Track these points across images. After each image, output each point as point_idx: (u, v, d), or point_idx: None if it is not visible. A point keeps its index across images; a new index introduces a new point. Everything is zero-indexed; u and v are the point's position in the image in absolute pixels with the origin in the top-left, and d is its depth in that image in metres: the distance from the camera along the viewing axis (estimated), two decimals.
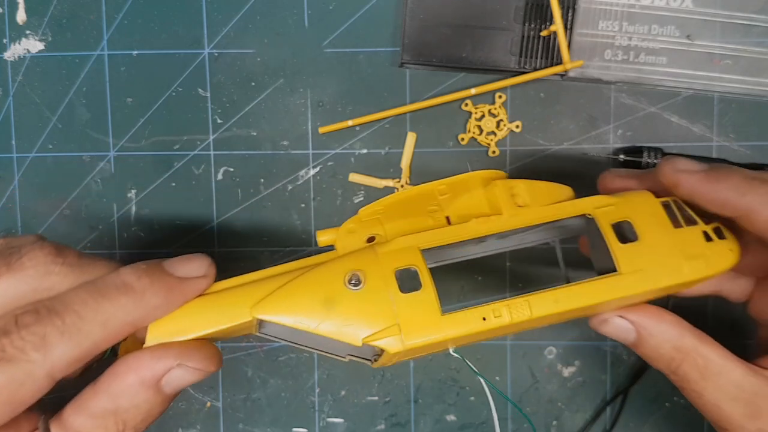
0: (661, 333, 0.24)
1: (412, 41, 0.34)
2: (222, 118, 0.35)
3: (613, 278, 0.23)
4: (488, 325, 0.23)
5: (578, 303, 0.23)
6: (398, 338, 0.22)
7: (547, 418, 0.36)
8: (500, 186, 0.26)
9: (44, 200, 0.36)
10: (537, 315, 0.23)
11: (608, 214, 0.25)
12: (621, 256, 0.24)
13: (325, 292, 0.23)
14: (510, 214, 0.26)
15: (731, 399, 0.23)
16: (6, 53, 0.36)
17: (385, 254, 0.24)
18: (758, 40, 0.33)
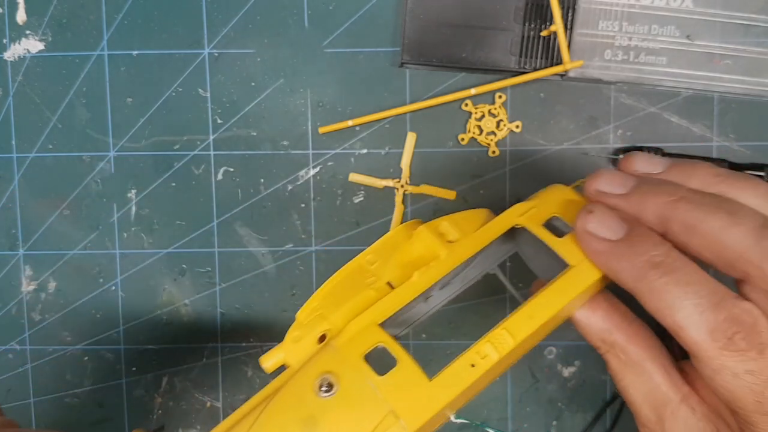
0: (589, 325, 0.24)
1: (412, 41, 0.34)
2: (222, 118, 0.35)
3: (570, 272, 0.23)
4: (480, 370, 0.21)
5: (551, 310, 0.22)
6: (399, 425, 0.20)
7: (547, 419, 0.36)
8: (425, 231, 0.25)
9: (44, 200, 0.36)
10: (520, 338, 0.22)
11: (534, 217, 0.25)
12: (565, 250, 0.23)
13: (299, 413, 0.21)
14: (447, 253, 0.24)
15: (643, 400, 0.24)
16: (6, 53, 0.36)
17: (344, 345, 0.22)
18: (758, 40, 0.33)
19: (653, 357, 0.24)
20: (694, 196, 0.22)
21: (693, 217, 0.22)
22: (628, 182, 0.24)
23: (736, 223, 0.21)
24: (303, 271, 0.36)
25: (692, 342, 0.20)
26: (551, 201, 0.26)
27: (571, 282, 0.23)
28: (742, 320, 0.20)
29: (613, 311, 0.24)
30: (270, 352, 0.23)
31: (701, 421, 0.23)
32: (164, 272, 0.36)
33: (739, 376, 0.20)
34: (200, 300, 0.36)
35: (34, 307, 0.37)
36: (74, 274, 0.37)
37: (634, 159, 0.25)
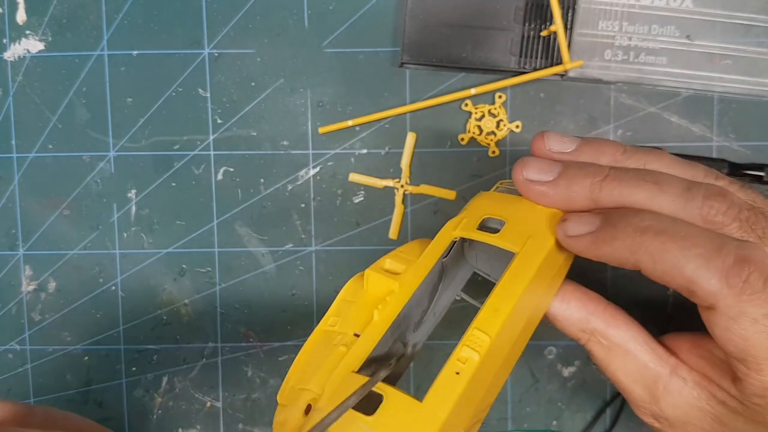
0: (566, 318, 0.24)
1: (412, 41, 0.34)
2: (222, 118, 0.35)
3: (517, 259, 0.23)
4: (465, 375, 0.21)
5: (513, 297, 0.22)
6: None
7: (547, 419, 0.36)
8: (372, 273, 0.25)
9: (44, 200, 0.36)
10: (494, 333, 0.21)
11: (468, 226, 0.25)
12: (504, 242, 0.24)
13: None
14: (398, 284, 0.24)
15: (633, 381, 0.24)
16: (6, 53, 0.36)
17: (327, 404, 0.21)
18: (758, 40, 0.33)
19: (635, 336, 0.24)
20: (618, 173, 0.23)
21: (620, 193, 0.22)
22: (554, 168, 0.24)
23: (662, 191, 0.22)
24: (303, 271, 0.36)
25: (709, 293, 0.20)
26: (479, 207, 0.26)
27: (521, 266, 0.23)
28: (751, 259, 0.20)
29: (587, 299, 0.25)
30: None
31: (695, 389, 0.23)
32: (164, 272, 0.36)
33: (758, 321, 0.20)
34: (200, 300, 0.36)
35: (34, 307, 0.37)
36: (74, 274, 0.37)
37: (545, 139, 0.25)
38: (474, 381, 0.21)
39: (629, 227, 0.21)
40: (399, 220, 0.35)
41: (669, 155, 0.24)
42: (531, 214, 0.24)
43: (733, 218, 0.21)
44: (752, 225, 0.21)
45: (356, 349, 0.23)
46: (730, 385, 0.22)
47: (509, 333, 0.23)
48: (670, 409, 0.23)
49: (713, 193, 0.22)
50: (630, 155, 0.24)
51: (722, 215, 0.21)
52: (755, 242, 0.21)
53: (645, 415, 0.24)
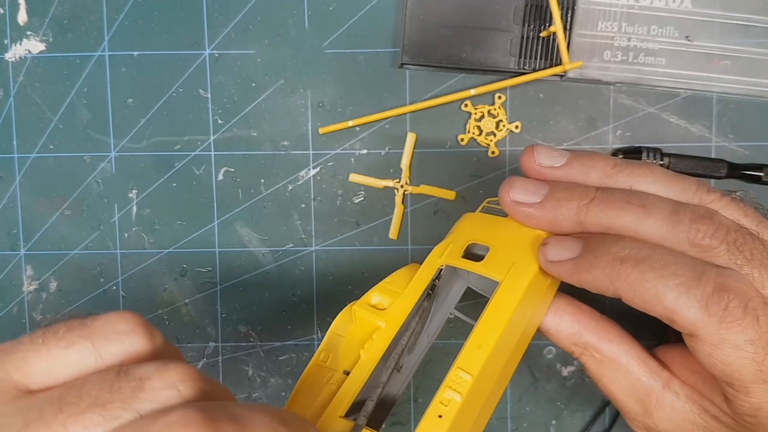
0: (559, 332, 0.25)
1: (411, 42, 0.34)
2: (222, 118, 0.35)
3: (501, 289, 0.23)
4: (448, 418, 0.21)
5: (496, 332, 0.22)
6: None
7: (547, 418, 0.36)
8: (357, 308, 0.25)
9: (45, 200, 0.36)
10: (476, 371, 0.21)
11: (453, 252, 0.25)
12: (488, 270, 0.24)
13: None
14: (386, 320, 0.25)
15: (626, 394, 0.24)
16: (7, 54, 0.36)
17: None
18: (757, 40, 0.33)
19: (628, 350, 0.24)
20: (605, 196, 0.22)
21: (606, 217, 0.22)
22: (541, 190, 0.24)
23: (648, 214, 0.22)
24: (303, 271, 0.36)
25: (689, 323, 0.20)
26: (464, 231, 0.26)
27: (505, 296, 0.23)
28: (730, 287, 0.20)
29: (580, 314, 0.25)
30: None
31: (687, 403, 0.23)
32: (165, 272, 0.36)
33: (740, 347, 0.20)
34: (201, 300, 0.36)
35: (36, 306, 0.37)
36: (75, 274, 0.37)
37: (535, 153, 0.25)
38: (458, 419, 0.21)
39: (608, 255, 0.21)
40: (399, 220, 0.35)
41: (659, 169, 0.24)
42: (515, 238, 0.24)
43: (721, 240, 0.21)
44: (739, 246, 0.21)
45: (344, 391, 0.23)
46: (721, 402, 0.22)
47: (495, 364, 0.22)
48: (663, 422, 0.23)
49: (700, 215, 0.21)
50: (620, 170, 0.24)
51: (709, 238, 0.21)
52: (734, 270, 0.21)
53: (638, 427, 0.24)
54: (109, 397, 0.16)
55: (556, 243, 0.23)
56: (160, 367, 0.17)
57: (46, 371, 0.17)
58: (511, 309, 0.22)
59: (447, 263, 0.25)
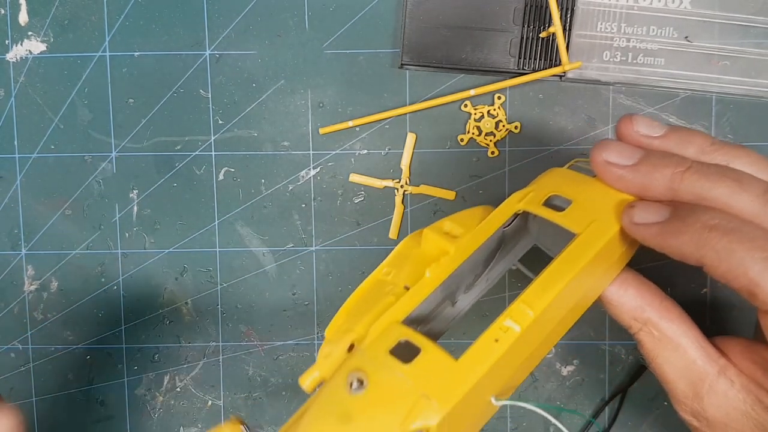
0: (621, 304, 0.24)
1: (411, 43, 0.34)
2: (223, 118, 0.36)
3: (576, 241, 0.23)
4: (504, 344, 0.21)
5: (564, 278, 0.22)
6: (432, 406, 0.20)
7: (546, 417, 0.36)
8: (430, 233, 0.26)
9: (46, 200, 0.37)
10: (539, 309, 0.22)
11: (533, 200, 0.25)
12: (568, 222, 0.24)
13: (334, 412, 0.21)
14: (455, 247, 0.25)
15: (679, 376, 0.24)
16: (8, 54, 0.36)
17: (369, 345, 0.22)
18: (756, 41, 0.33)
19: (687, 332, 0.24)
20: (701, 167, 0.22)
21: (701, 187, 0.22)
22: (636, 154, 0.24)
23: (742, 189, 0.22)
24: (303, 271, 0.36)
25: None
26: (548, 182, 0.26)
27: (579, 248, 0.23)
28: None
29: (645, 289, 0.24)
30: (306, 372, 0.23)
31: (741, 392, 0.23)
32: (165, 272, 0.36)
33: None
34: (201, 299, 0.36)
35: (36, 306, 0.37)
36: (76, 273, 0.37)
37: (634, 121, 0.25)
38: (511, 351, 0.21)
39: (698, 222, 0.21)
40: (399, 220, 0.35)
41: (756, 153, 0.24)
42: (600, 198, 0.24)
43: None
44: None
45: (404, 301, 0.23)
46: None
47: (555, 312, 0.23)
48: (713, 408, 0.23)
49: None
50: (718, 148, 0.24)
51: None
52: None
53: (685, 412, 0.24)
54: None
55: (643, 205, 0.23)
56: None
57: None
58: (583, 262, 0.22)
59: (525, 209, 0.25)
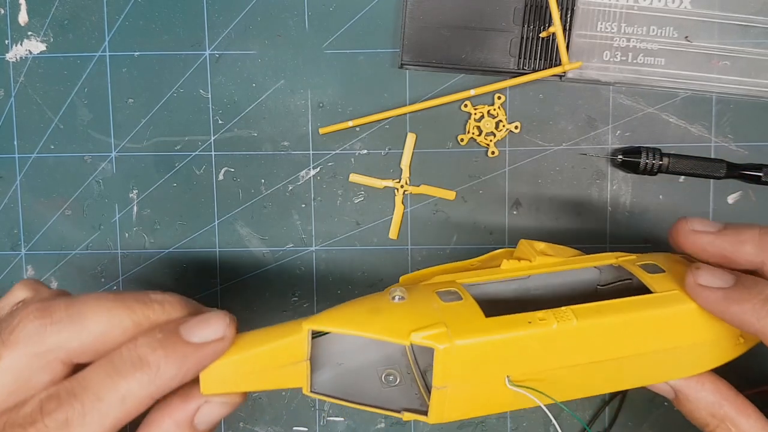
0: (698, 400, 0.25)
1: (411, 42, 0.34)
2: (223, 118, 0.36)
3: (650, 295, 0.24)
4: (533, 327, 0.22)
5: (621, 315, 0.23)
6: (446, 334, 0.22)
7: (546, 417, 0.36)
8: (524, 243, 0.28)
9: (46, 200, 0.37)
10: (583, 322, 0.23)
11: (633, 262, 0.27)
12: (652, 283, 0.25)
13: (369, 306, 0.24)
14: (538, 261, 0.27)
15: None
16: (8, 54, 0.36)
17: (425, 285, 0.25)
18: (756, 41, 0.33)
19: (764, 427, 0.24)
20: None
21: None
22: (730, 278, 0.24)
23: None
24: (303, 271, 0.36)
25: None
26: (652, 255, 0.28)
27: (648, 300, 0.24)
28: None
29: (721, 384, 0.25)
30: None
31: None
32: (165, 272, 0.36)
33: None
34: (201, 300, 0.36)
35: None
36: (76, 273, 0.37)
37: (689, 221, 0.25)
38: (540, 341, 0.23)
39: (762, 294, 0.22)
40: (399, 220, 0.35)
41: None
42: None
43: None
44: None
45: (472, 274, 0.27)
46: None
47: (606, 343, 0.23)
48: None
49: None
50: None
51: None
52: None
53: None
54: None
55: (709, 269, 0.24)
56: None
57: None
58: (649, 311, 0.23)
59: (621, 264, 0.27)
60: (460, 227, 0.35)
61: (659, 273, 0.26)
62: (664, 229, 0.35)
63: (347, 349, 0.27)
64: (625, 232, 0.35)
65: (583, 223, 0.35)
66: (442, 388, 0.23)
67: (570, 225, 0.35)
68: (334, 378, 0.26)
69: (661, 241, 0.35)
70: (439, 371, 0.22)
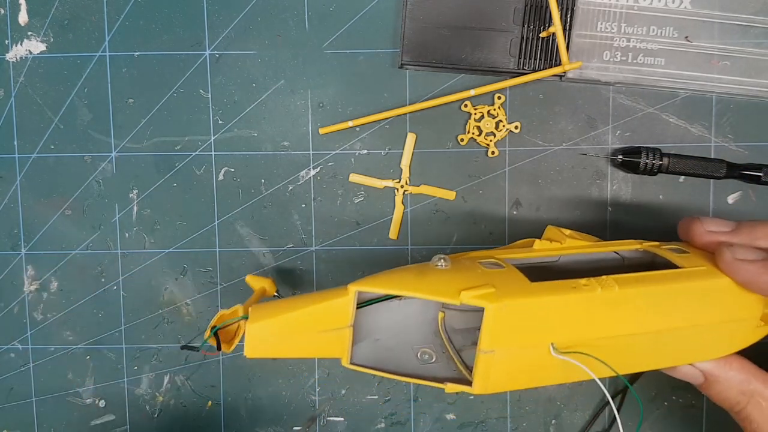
0: (728, 379, 0.26)
1: (411, 42, 0.34)
2: (223, 118, 0.36)
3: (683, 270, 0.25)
4: (577, 291, 0.23)
5: (659, 285, 0.24)
6: (495, 294, 0.22)
7: (546, 417, 0.36)
8: (552, 228, 0.29)
9: (46, 200, 0.37)
10: (625, 289, 0.23)
11: (657, 246, 0.28)
12: (681, 262, 0.26)
13: (416, 271, 0.24)
14: (568, 242, 0.28)
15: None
16: (8, 54, 0.36)
17: (465, 257, 0.26)
18: (756, 41, 0.33)
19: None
20: None
21: None
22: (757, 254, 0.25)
23: None
24: (303, 270, 0.36)
25: None
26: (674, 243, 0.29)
27: (680, 275, 0.25)
28: None
29: (746, 362, 0.26)
30: None
31: None
32: (166, 272, 0.36)
33: None
34: (201, 299, 0.36)
35: (36, 306, 0.37)
36: (76, 273, 0.37)
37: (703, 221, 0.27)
38: (584, 305, 0.23)
39: None
40: (399, 220, 0.35)
41: None
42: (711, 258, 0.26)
43: None
44: None
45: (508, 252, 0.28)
46: None
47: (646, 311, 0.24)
48: None
49: None
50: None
51: None
52: None
53: None
54: None
55: (744, 245, 0.25)
56: None
57: None
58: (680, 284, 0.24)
59: (646, 248, 0.28)
60: (460, 227, 0.35)
61: (685, 254, 0.27)
62: (665, 229, 0.35)
63: (383, 326, 0.27)
64: (626, 232, 0.35)
65: (584, 223, 0.35)
66: (489, 352, 0.23)
67: (570, 225, 0.35)
68: (371, 353, 0.26)
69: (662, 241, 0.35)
70: (487, 333, 0.22)
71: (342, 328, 0.24)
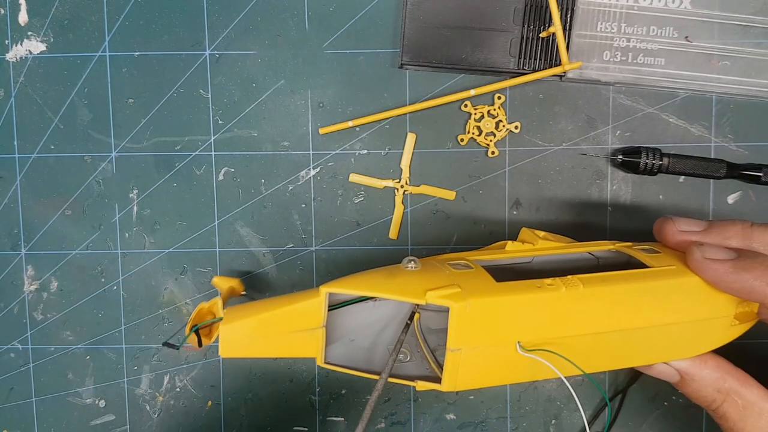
0: (703, 378, 0.26)
1: (411, 42, 0.34)
2: (223, 118, 0.36)
3: (650, 269, 0.26)
4: (542, 291, 0.23)
5: (623, 285, 0.24)
6: (459, 294, 0.23)
7: (546, 417, 0.36)
8: (526, 230, 0.30)
9: (46, 200, 0.37)
10: (590, 288, 0.24)
11: (629, 246, 0.28)
12: (651, 261, 0.26)
13: (386, 272, 0.25)
14: (540, 244, 0.28)
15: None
16: (8, 54, 0.36)
17: (435, 258, 0.27)
18: (756, 41, 0.33)
19: (765, 395, 0.25)
20: None
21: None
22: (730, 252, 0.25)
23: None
24: (303, 271, 0.36)
25: None
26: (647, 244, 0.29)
27: (648, 274, 0.25)
28: None
29: (721, 361, 0.26)
30: None
31: None
32: (165, 272, 0.36)
33: None
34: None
35: (36, 306, 0.37)
36: (76, 273, 0.37)
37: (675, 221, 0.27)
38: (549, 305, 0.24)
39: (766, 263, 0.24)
40: (399, 220, 0.35)
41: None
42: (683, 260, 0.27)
43: None
44: None
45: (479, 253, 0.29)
46: None
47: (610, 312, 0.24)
48: None
49: None
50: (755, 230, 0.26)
51: None
52: None
53: None
54: None
55: (713, 245, 0.25)
56: None
57: None
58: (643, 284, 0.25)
59: (617, 248, 0.28)
60: (460, 227, 0.35)
61: (655, 253, 0.27)
62: None
63: (358, 326, 0.28)
64: (625, 233, 0.35)
65: (583, 223, 0.35)
66: (456, 351, 0.23)
67: (570, 225, 0.35)
68: (346, 353, 0.27)
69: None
70: (454, 331, 0.23)
71: (315, 329, 0.24)
